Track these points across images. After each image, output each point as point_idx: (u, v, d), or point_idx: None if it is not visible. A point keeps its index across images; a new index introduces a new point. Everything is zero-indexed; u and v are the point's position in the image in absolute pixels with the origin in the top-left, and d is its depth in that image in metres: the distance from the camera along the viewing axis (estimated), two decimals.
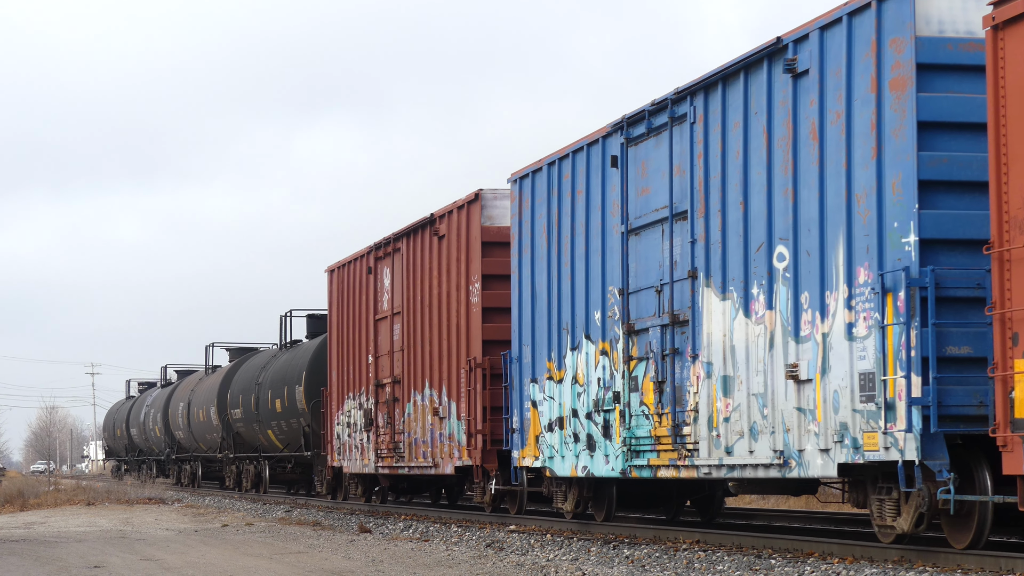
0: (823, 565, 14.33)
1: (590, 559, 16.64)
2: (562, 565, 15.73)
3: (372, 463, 29.75)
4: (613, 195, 19.48)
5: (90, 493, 42.10)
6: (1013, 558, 13.19)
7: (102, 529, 25.51)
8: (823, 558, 15.12)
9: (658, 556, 16.41)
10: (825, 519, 22.84)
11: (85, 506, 36.03)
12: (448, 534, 21.79)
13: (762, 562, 15.04)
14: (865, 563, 14.36)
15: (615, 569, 15.21)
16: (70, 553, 19.24)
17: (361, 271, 30.79)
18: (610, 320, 19.57)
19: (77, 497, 40.02)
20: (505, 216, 24.47)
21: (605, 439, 19.60)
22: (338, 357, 32.36)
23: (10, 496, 41.62)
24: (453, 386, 25.38)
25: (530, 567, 15.53)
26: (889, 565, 14.01)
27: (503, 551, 18.09)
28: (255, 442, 42.04)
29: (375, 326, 29.73)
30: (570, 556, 17.11)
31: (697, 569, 14.92)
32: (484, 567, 15.70)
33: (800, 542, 16.23)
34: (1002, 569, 13.16)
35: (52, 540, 22.30)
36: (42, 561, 18.05)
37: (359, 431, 30.73)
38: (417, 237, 27.36)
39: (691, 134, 17.57)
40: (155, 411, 58.09)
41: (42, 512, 34.16)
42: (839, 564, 14.37)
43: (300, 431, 36.36)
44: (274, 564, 16.90)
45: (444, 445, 25.77)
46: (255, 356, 44.45)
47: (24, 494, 42.22)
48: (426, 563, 16.44)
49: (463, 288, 25.03)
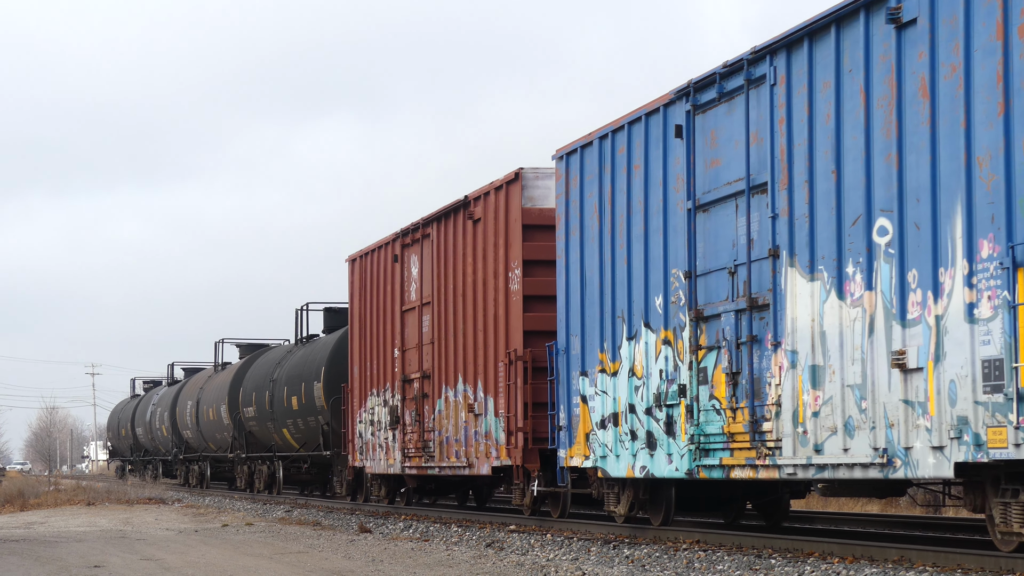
0: (823, 565, 14.19)
1: (590, 559, 16.49)
2: (562, 565, 15.57)
3: (398, 463, 28.04)
4: (677, 168, 17.76)
5: (90, 493, 41.89)
6: (1013, 558, 12.95)
7: (102, 529, 25.31)
8: (823, 558, 15.01)
9: (658, 556, 16.26)
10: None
11: (85, 506, 35.87)
12: (448, 534, 21.52)
13: (762, 562, 14.87)
14: (865, 563, 14.22)
15: (615, 569, 15.08)
16: (70, 553, 19.12)
17: (386, 260, 29.07)
18: (674, 306, 17.85)
19: (77, 497, 39.87)
20: (548, 197, 22.76)
21: (668, 437, 17.88)
22: (360, 351, 30.64)
23: (10, 496, 41.52)
24: (490, 381, 23.66)
25: (530, 567, 15.39)
26: (889, 565, 13.84)
27: (503, 551, 17.97)
28: (268, 441, 40.31)
29: (402, 318, 28.01)
30: (570, 556, 16.93)
31: (697, 569, 14.76)
32: (484, 567, 15.62)
33: (800, 542, 16.05)
34: (1002, 568, 12.93)
35: (52, 540, 22.15)
36: (42, 561, 17.90)
37: (383, 429, 29.02)
38: (449, 222, 25.64)
39: (771, 97, 15.85)
40: (162, 410, 56.35)
41: (42, 512, 33.92)
42: (839, 564, 14.24)
43: (318, 430, 34.63)
44: (274, 564, 16.77)
45: (480, 444, 24.04)
46: (268, 352, 42.72)
47: (24, 494, 42.04)
48: (426, 563, 16.35)
49: (501, 275, 23.31)
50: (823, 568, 14.00)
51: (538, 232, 22.72)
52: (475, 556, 17.12)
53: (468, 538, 20.43)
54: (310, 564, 16.67)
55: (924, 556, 14.05)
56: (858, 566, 13.91)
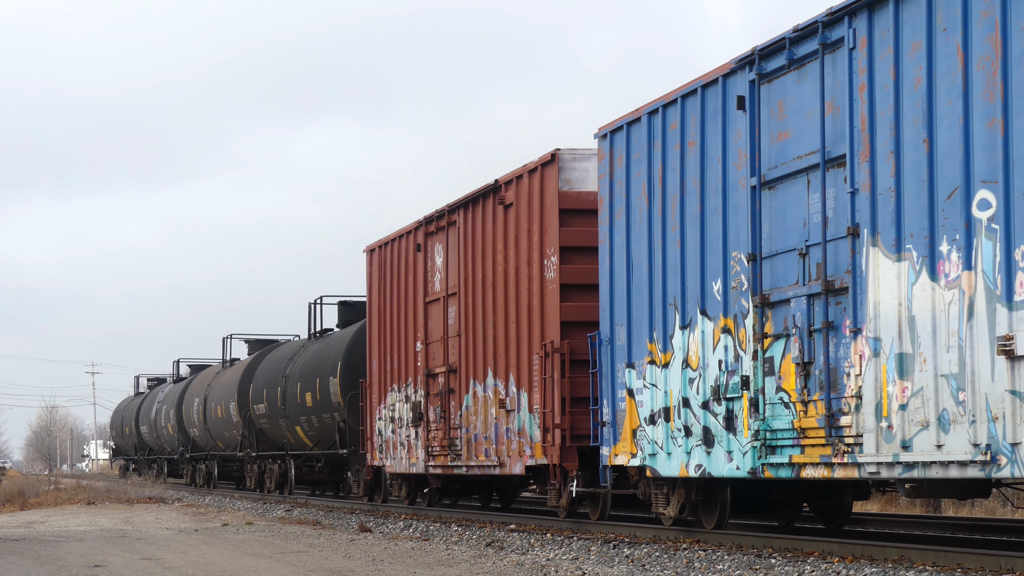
0: (823, 564, 14.13)
1: (590, 558, 16.39)
2: (562, 564, 15.50)
3: (421, 462, 26.71)
4: (738, 143, 16.44)
5: (90, 492, 41.90)
6: (1013, 557, 12.89)
7: (102, 528, 25.24)
8: (823, 557, 14.96)
9: (658, 556, 16.15)
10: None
11: (85, 505, 35.82)
12: (448, 533, 21.39)
13: (762, 561, 14.80)
14: (865, 562, 14.14)
15: (615, 568, 15.01)
16: (70, 552, 19.07)
17: (407, 249, 27.74)
18: (734, 291, 16.53)
19: (77, 496, 39.90)
20: (586, 179, 21.44)
21: (727, 432, 16.55)
22: (380, 345, 29.31)
23: (10, 495, 41.53)
24: (524, 374, 22.33)
25: (530, 566, 15.34)
26: (889, 564, 13.80)
27: (503, 550, 17.91)
28: (280, 439, 38.98)
29: (425, 310, 26.68)
30: (570, 555, 16.83)
31: (697, 568, 14.71)
32: (484, 566, 15.57)
33: (800, 541, 15.94)
34: (1002, 568, 12.83)
35: (52, 539, 22.06)
36: (42, 560, 17.82)
37: (405, 427, 27.69)
38: (477, 208, 24.31)
39: (850, 62, 14.52)
40: (167, 407, 54.99)
41: (42, 511, 33.78)
42: (839, 563, 14.18)
43: (334, 427, 33.30)
44: (274, 563, 16.70)
45: (512, 441, 22.72)
46: (280, 347, 41.38)
47: (24, 493, 42.09)
48: (426, 562, 16.28)
49: (536, 263, 21.98)
50: (823, 568, 13.85)
51: (576, 217, 21.40)
52: (475, 555, 16.99)
53: (468, 537, 20.26)
54: (310, 563, 16.56)
55: (924, 555, 13.91)
56: (858, 566, 13.79)
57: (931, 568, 13.41)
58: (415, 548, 18.42)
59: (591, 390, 20.08)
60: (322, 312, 37.21)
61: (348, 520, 26.07)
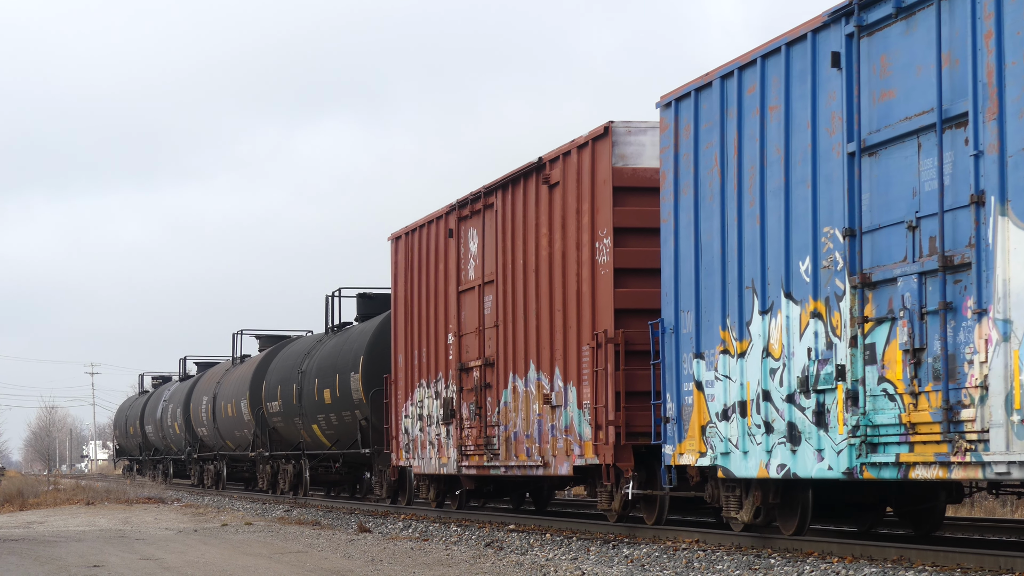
0: (823, 564, 14.07)
1: (589, 558, 16.31)
2: (561, 564, 15.41)
3: (453, 462, 25.00)
4: (831, 105, 14.73)
5: (89, 493, 41.87)
6: (1013, 557, 12.83)
7: (101, 528, 25.20)
8: (822, 557, 14.89)
9: (657, 556, 16.04)
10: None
11: (84, 505, 35.75)
12: (447, 533, 21.25)
13: (761, 561, 14.72)
14: (865, 562, 14.08)
15: (614, 568, 14.93)
16: (69, 552, 19.05)
17: (438, 235, 26.03)
18: (826, 271, 14.82)
19: (76, 496, 39.84)
20: (643, 154, 19.72)
21: (818, 428, 14.84)
22: (406, 338, 27.59)
23: (9, 495, 41.45)
24: (571, 367, 20.62)
25: (529, 566, 15.27)
26: (889, 564, 13.74)
27: (502, 550, 17.83)
28: (295, 439, 37.26)
29: (458, 299, 24.96)
30: (569, 555, 16.72)
31: (696, 568, 14.61)
32: (483, 566, 15.52)
33: (799, 541, 15.81)
34: (1001, 568, 12.79)
35: (51, 539, 22.04)
36: (41, 560, 17.81)
37: (435, 424, 25.99)
38: (517, 188, 22.60)
39: (972, 8, 12.80)
40: (174, 406, 53.24)
41: (41, 512, 33.76)
42: (838, 563, 14.10)
43: (355, 425, 31.55)
44: (273, 563, 16.70)
45: (558, 440, 21.01)
46: (294, 343, 39.65)
47: (23, 493, 41.96)
48: (425, 562, 16.28)
49: (586, 246, 20.27)
50: (822, 568, 13.77)
51: (631, 195, 19.69)
52: (474, 556, 16.93)
53: (467, 538, 20.13)
54: (309, 564, 16.51)
55: (923, 556, 13.80)
56: (857, 566, 13.72)
57: (930, 568, 13.28)
58: (414, 548, 18.28)
59: (652, 383, 18.38)
60: (340, 305, 35.48)
61: (347, 520, 25.77)
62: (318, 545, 19.56)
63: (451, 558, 16.75)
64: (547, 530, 20.68)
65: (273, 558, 17.52)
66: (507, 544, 18.79)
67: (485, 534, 20.56)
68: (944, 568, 13.27)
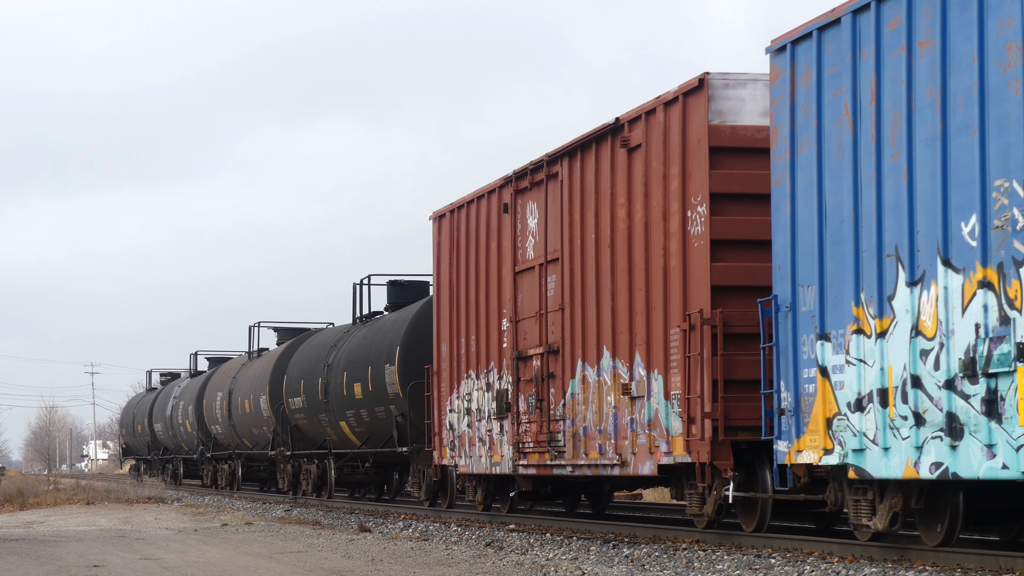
0: (823, 564, 13.98)
1: (590, 558, 16.22)
2: (562, 564, 15.34)
3: (507, 460, 22.65)
4: (1005, 34, 12.39)
5: (90, 492, 41.83)
6: (1013, 557, 12.76)
7: (101, 528, 25.06)
8: (823, 557, 14.80)
9: (658, 555, 15.95)
10: None
11: (85, 505, 35.59)
12: (448, 533, 21.06)
13: (762, 561, 14.64)
14: (865, 562, 14.00)
15: (615, 568, 14.87)
16: (69, 552, 19.01)
17: (490, 212, 23.68)
18: (997, 233, 12.47)
19: (77, 496, 39.83)
20: (742, 110, 17.37)
21: (988, 420, 12.48)
22: (451, 326, 25.22)
23: (10, 495, 41.42)
24: (656, 353, 18.27)
25: (530, 566, 15.21)
26: (889, 564, 13.67)
27: (503, 550, 17.74)
28: (319, 437, 34.90)
29: (515, 281, 22.60)
30: (570, 555, 16.63)
31: (697, 568, 14.51)
32: (484, 566, 15.45)
33: (800, 541, 15.73)
34: (1002, 568, 12.71)
35: (51, 539, 21.95)
36: (41, 560, 17.76)
37: (486, 420, 23.63)
38: (588, 155, 20.25)
39: None
40: (185, 403, 50.84)
41: (41, 511, 33.56)
42: (839, 563, 14.01)
43: (389, 422, 29.18)
44: (273, 563, 16.67)
45: (638, 435, 18.66)
46: (318, 334, 37.28)
47: (23, 493, 42.00)
48: (426, 562, 16.23)
49: (675, 215, 17.92)
50: (823, 568, 13.68)
51: (730, 157, 17.34)
52: (475, 556, 16.88)
53: (468, 537, 19.98)
54: (309, 563, 16.51)
55: (924, 556, 13.72)
56: (858, 566, 13.62)
57: (931, 568, 13.17)
58: (414, 548, 18.24)
59: (761, 370, 16.02)
60: (370, 294, 33.09)
61: (347, 520, 25.55)
62: (318, 545, 19.45)
63: (451, 558, 16.63)
64: (547, 530, 20.51)
65: (273, 558, 17.43)
66: (507, 544, 18.59)
67: (485, 534, 20.31)
68: (944, 568, 13.07)
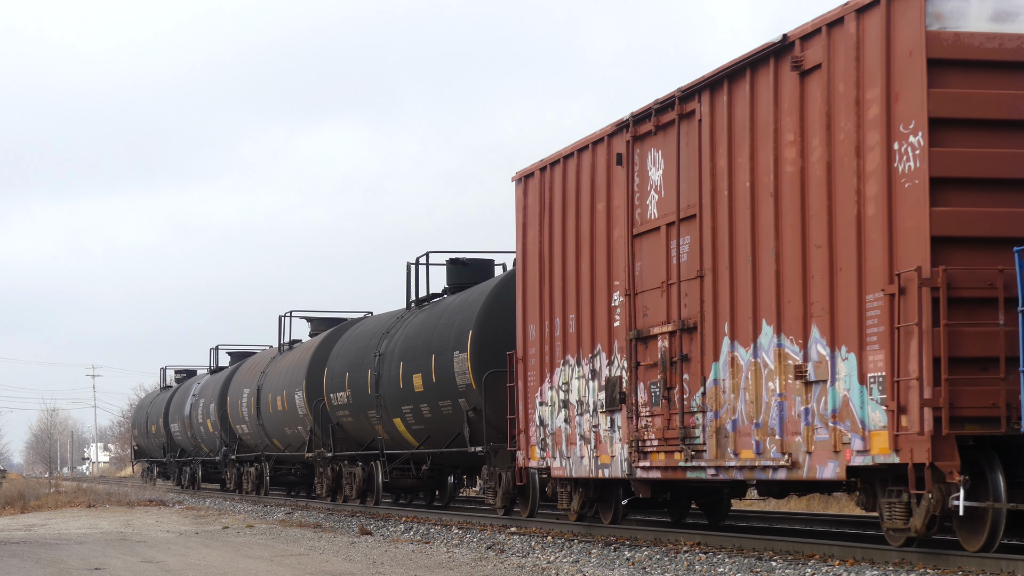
0: (824, 567, 13.85)
1: (591, 561, 16.06)
2: (563, 567, 15.34)
3: (620, 461, 18.89)
4: None
5: (91, 495, 41.85)
6: (1015, 560, 12.55)
7: (103, 531, 25.10)
8: (824, 560, 14.62)
9: (659, 558, 15.83)
10: None
11: (86, 508, 35.50)
12: (449, 536, 20.88)
13: (763, 564, 14.53)
14: (866, 565, 13.91)
15: (616, 571, 14.74)
16: (71, 555, 19.07)
17: (595, 166, 19.92)
18: None
19: (78, 499, 39.73)
20: (968, 14, 13.60)
21: None
22: (542, 304, 21.43)
23: (11, 498, 41.30)
24: (844, 325, 14.49)
25: (531, 569, 15.13)
26: (890, 567, 13.54)
27: (504, 553, 17.63)
28: (365, 436, 31.13)
29: (630, 246, 18.82)
30: (571, 558, 16.52)
31: (698, 571, 14.36)
32: (485, 569, 15.34)
33: (801, 544, 15.65)
34: (1003, 571, 12.52)
35: (53, 542, 21.98)
36: (43, 563, 17.80)
37: (589, 413, 19.86)
38: (738, 85, 16.49)
39: None
40: (206, 401, 47.00)
41: (43, 514, 33.43)
42: (840, 566, 13.84)
43: (458, 418, 25.37)
44: (275, 566, 16.64)
45: (816, 429, 14.89)
46: (364, 322, 33.46)
47: (24, 496, 41.92)
48: (427, 565, 16.15)
49: (874, 150, 14.14)
50: (824, 570, 13.59)
51: (953, 73, 13.61)
52: (476, 558, 16.81)
53: (469, 540, 19.88)
54: (310, 566, 16.50)
55: (925, 559, 13.55)
56: (859, 568, 13.58)
57: (932, 571, 13.10)
58: (416, 551, 18.26)
59: (1021, 341, 12.23)
60: (428, 275, 29.25)
61: (349, 523, 25.31)
62: (319, 548, 19.45)
63: (452, 561, 16.60)
64: (548, 533, 20.33)
65: (274, 560, 17.44)
66: (508, 547, 18.48)
67: (486, 537, 20.07)
68: (946, 571, 12.99)
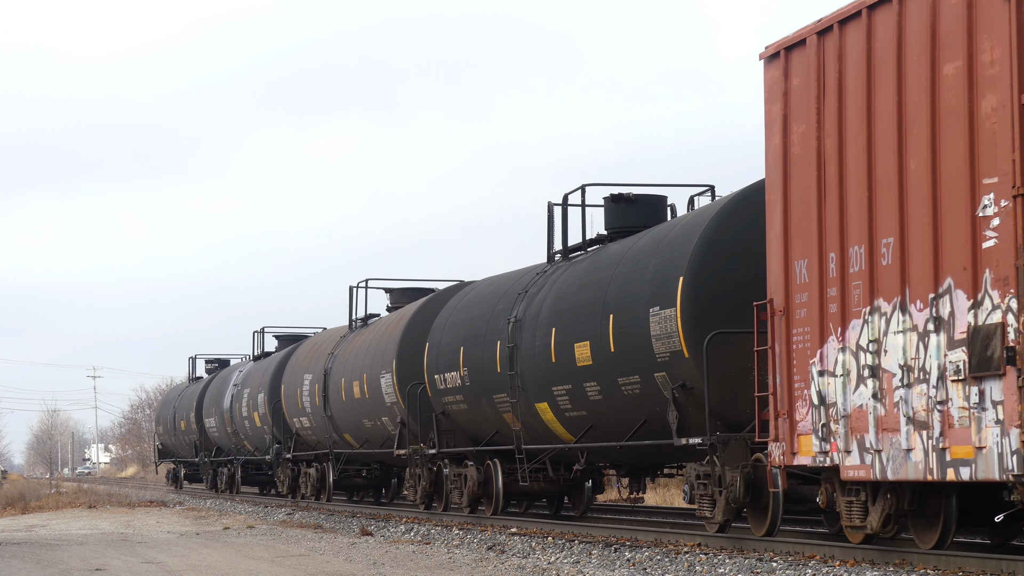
0: (824, 568, 13.80)
1: (591, 562, 16.01)
2: (563, 568, 15.35)
3: (1001, 455, 12.23)
4: None
5: (91, 496, 42.13)
6: (1015, 560, 12.58)
7: (103, 532, 25.31)
8: (824, 561, 14.54)
9: (659, 559, 15.76)
10: None
11: (87, 509, 35.61)
12: (449, 537, 20.72)
13: (763, 565, 14.40)
14: (867, 566, 13.85)
15: (616, 572, 14.73)
16: (71, 556, 19.17)
17: (936, 13, 13.33)
18: None
19: (79, 500, 39.97)
20: None
21: None
22: (821, 228, 14.89)
23: (11, 499, 41.47)
24: None
25: (531, 570, 15.14)
26: (891, 568, 13.53)
27: (504, 554, 17.49)
28: (485, 427, 24.51)
29: (1019, 120, 12.15)
30: (571, 559, 16.48)
31: (699, 572, 14.33)
32: (485, 570, 15.37)
33: (802, 545, 15.56)
34: (1003, 572, 12.58)
35: (53, 543, 22.08)
36: (43, 564, 17.86)
37: (929, 384, 13.20)
38: None
39: None
40: (252, 391, 40.25)
41: (43, 515, 33.53)
42: (840, 567, 13.81)
43: (654, 399, 18.61)
44: (275, 567, 16.65)
45: None
46: (477, 285, 26.75)
47: (25, 497, 42.20)
48: (427, 566, 16.09)
49: None
50: (824, 571, 13.54)
51: None
52: (476, 559, 16.71)
53: (469, 541, 19.73)
54: (311, 567, 16.49)
55: (925, 559, 13.58)
56: (859, 569, 13.51)
57: (932, 572, 13.01)
58: (416, 552, 18.19)
59: None
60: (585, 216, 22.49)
61: (349, 524, 25.32)
62: (320, 548, 19.51)
63: (453, 562, 16.52)
64: (549, 533, 20.12)
65: (275, 561, 17.46)
66: (509, 548, 18.30)
67: (487, 538, 19.99)
68: (946, 572, 12.95)
